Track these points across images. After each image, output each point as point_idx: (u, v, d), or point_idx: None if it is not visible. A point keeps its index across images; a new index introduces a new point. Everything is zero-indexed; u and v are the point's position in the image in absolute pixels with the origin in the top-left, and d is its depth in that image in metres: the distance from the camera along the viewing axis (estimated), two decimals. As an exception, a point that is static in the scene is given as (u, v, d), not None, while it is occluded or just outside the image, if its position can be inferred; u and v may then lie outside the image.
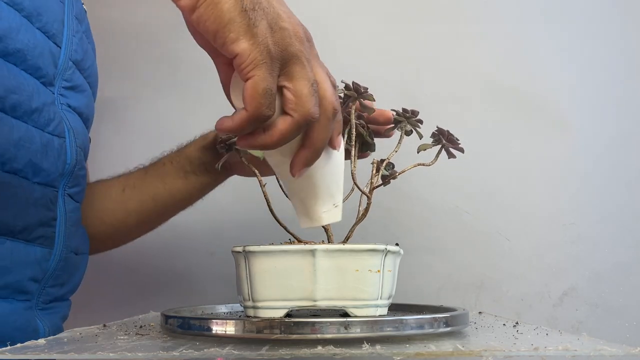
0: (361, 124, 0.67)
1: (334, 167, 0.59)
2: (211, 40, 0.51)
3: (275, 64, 0.51)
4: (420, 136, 0.66)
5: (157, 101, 1.06)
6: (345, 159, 0.64)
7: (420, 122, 0.66)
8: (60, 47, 0.76)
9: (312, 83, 0.53)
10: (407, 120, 0.65)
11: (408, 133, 0.66)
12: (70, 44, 0.78)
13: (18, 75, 0.68)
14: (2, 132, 0.65)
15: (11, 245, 0.69)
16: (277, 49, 0.51)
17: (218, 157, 0.80)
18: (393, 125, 0.67)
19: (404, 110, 0.65)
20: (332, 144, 0.57)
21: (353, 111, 0.65)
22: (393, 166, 0.69)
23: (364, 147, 0.68)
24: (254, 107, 0.50)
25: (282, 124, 0.52)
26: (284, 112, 0.52)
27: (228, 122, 0.52)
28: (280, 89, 0.52)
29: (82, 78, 0.82)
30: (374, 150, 0.68)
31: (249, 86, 0.50)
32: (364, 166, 0.68)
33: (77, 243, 0.80)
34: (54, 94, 0.75)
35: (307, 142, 0.55)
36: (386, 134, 0.70)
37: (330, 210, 0.60)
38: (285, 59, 0.52)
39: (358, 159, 0.66)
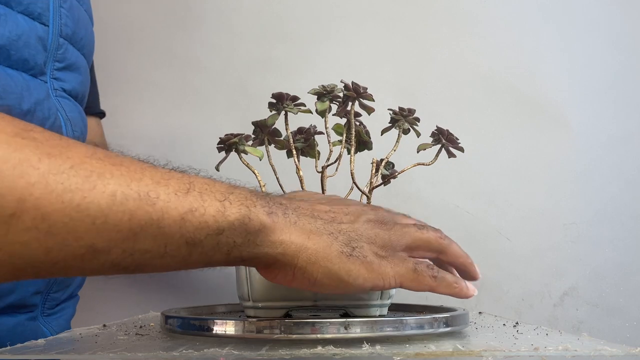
0: (359, 122, 0.66)
1: None
2: (335, 290, 0.52)
3: (397, 254, 0.54)
4: (418, 134, 0.66)
5: (156, 101, 1.06)
6: (344, 158, 0.64)
7: (418, 120, 0.66)
8: (47, 26, 0.68)
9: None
10: (404, 118, 0.65)
11: (406, 131, 0.66)
12: (59, 18, 0.70)
13: (3, 76, 0.62)
14: None
15: None
16: (387, 250, 0.54)
17: None
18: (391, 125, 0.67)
19: (401, 108, 0.65)
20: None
21: (352, 111, 0.65)
22: (393, 165, 0.69)
23: (362, 145, 0.67)
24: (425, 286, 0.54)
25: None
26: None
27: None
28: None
29: (76, 53, 0.75)
30: (371, 149, 0.68)
31: (414, 287, 0.54)
32: (364, 165, 0.68)
33: None
34: (46, 82, 0.69)
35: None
36: None
37: None
38: (400, 247, 0.55)
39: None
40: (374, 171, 0.65)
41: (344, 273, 0.51)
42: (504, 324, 0.70)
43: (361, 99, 0.64)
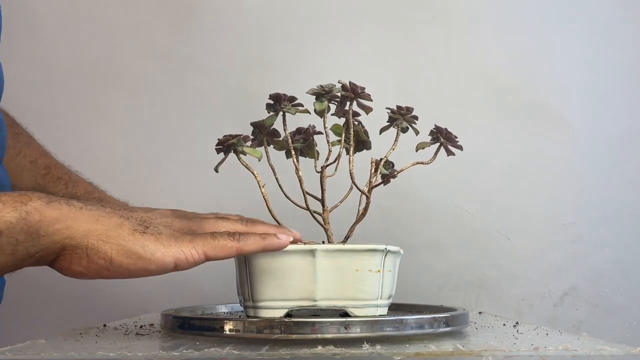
0: (358, 122, 0.66)
1: None
2: (136, 275, 0.52)
3: (186, 236, 0.54)
4: (417, 132, 0.66)
5: (156, 100, 1.06)
6: (343, 157, 0.64)
7: (416, 118, 0.65)
8: None
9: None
10: (402, 117, 0.65)
11: (404, 130, 0.65)
12: None
13: None
14: None
15: None
16: (185, 233, 0.55)
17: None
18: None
19: (399, 107, 0.65)
20: None
21: (350, 111, 0.65)
22: (393, 165, 0.69)
23: (360, 145, 0.67)
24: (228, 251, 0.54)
25: None
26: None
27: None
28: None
29: None
30: (369, 149, 0.68)
31: (219, 254, 0.54)
32: (363, 165, 0.68)
33: None
34: None
35: None
36: None
37: None
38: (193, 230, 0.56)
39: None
40: (373, 171, 0.65)
41: (139, 248, 0.51)
42: (504, 324, 0.70)
43: (359, 99, 0.64)
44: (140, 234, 0.51)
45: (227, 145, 0.64)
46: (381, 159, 0.67)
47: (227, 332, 0.55)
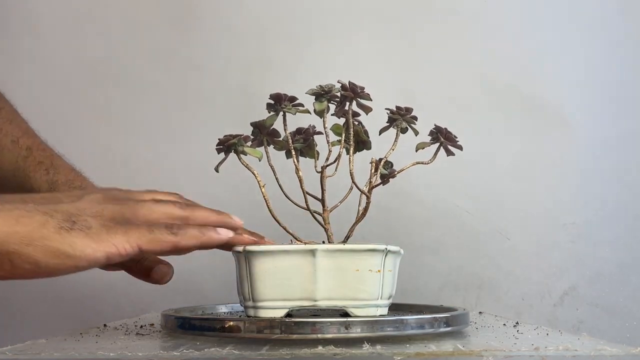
0: (358, 122, 0.67)
1: None
2: (67, 273, 0.50)
3: (132, 225, 0.53)
4: (416, 133, 0.66)
5: (156, 100, 1.06)
6: (343, 157, 0.64)
7: (415, 118, 0.65)
8: None
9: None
10: (401, 117, 0.65)
11: (404, 130, 0.65)
12: None
13: None
14: None
15: None
16: (118, 222, 0.53)
17: None
18: None
19: (398, 107, 0.65)
20: None
21: (350, 110, 0.65)
22: (392, 165, 0.69)
23: (360, 145, 0.67)
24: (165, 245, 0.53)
25: None
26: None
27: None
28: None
29: None
30: (370, 149, 0.68)
31: (154, 247, 0.52)
32: (363, 165, 0.68)
33: None
34: None
35: None
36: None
37: None
38: (137, 220, 0.54)
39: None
40: (373, 171, 0.65)
41: (67, 247, 0.48)
42: (504, 324, 0.70)
43: (359, 99, 0.64)
44: (67, 231, 0.49)
45: (228, 145, 0.64)
46: (381, 159, 0.67)
47: (227, 332, 0.55)
